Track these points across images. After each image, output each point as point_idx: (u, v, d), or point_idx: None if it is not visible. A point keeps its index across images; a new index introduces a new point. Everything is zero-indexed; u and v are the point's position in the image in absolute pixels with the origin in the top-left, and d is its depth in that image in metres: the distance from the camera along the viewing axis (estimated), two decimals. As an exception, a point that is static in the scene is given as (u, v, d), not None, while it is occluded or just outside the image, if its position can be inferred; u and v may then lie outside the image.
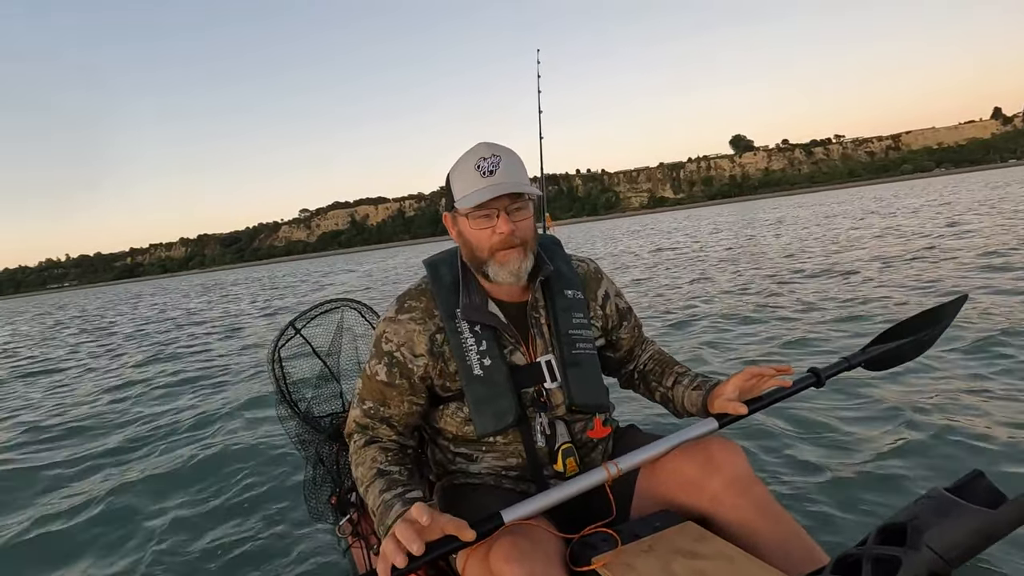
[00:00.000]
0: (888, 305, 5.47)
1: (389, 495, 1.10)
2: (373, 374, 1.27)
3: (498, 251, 1.19)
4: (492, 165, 1.18)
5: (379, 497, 1.11)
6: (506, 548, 0.99)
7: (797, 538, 1.10)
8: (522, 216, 1.20)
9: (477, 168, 1.19)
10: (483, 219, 1.19)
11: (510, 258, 1.19)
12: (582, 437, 1.29)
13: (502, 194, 1.15)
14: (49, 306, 41.40)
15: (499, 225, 1.18)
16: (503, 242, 1.18)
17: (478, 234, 1.20)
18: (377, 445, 1.23)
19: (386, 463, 1.18)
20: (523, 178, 1.21)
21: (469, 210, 1.18)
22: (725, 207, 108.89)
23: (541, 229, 1.56)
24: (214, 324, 12.51)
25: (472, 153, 1.22)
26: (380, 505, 1.10)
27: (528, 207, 1.21)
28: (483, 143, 1.23)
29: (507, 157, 1.21)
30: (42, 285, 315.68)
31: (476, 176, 1.18)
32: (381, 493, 1.12)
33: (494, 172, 1.17)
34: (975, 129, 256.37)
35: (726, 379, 1.28)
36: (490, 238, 1.19)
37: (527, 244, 1.21)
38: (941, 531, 0.65)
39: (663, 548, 1.05)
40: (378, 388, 1.26)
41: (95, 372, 7.93)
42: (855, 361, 1.40)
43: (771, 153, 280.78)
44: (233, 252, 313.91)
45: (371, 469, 1.17)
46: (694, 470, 1.18)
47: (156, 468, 3.63)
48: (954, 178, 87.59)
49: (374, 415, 1.27)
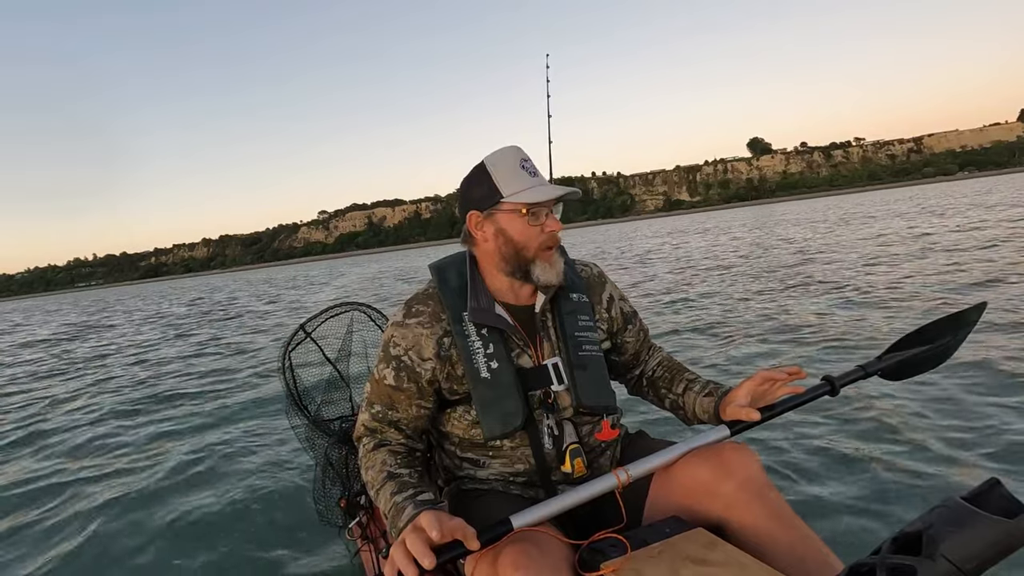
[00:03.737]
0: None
1: (400, 497, 1.11)
2: (381, 378, 1.27)
3: (545, 250, 1.22)
4: (533, 168, 1.23)
5: (390, 500, 1.12)
6: (514, 555, 0.99)
7: (811, 545, 1.09)
8: (555, 219, 1.24)
9: (522, 167, 1.22)
10: (532, 216, 1.21)
11: (554, 258, 1.24)
12: (590, 440, 1.29)
13: (557, 197, 1.20)
14: (89, 302, 42.07)
15: (548, 223, 1.21)
16: (552, 240, 1.23)
17: (529, 231, 1.21)
18: (386, 448, 1.24)
19: (396, 466, 1.19)
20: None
21: (526, 205, 1.19)
22: (746, 210, 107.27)
23: None
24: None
25: (511, 153, 1.24)
26: (392, 508, 1.11)
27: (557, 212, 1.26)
28: (513, 146, 1.26)
29: (533, 162, 1.26)
30: (71, 283, 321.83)
31: (525, 175, 1.21)
32: (392, 496, 1.12)
33: (536, 173, 1.23)
34: (1000, 132, 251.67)
35: (738, 384, 1.27)
36: (539, 236, 1.21)
37: (559, 247, 1.27)
38: (957, 541, 0.64)
39: (673, 554, 1.04)
40: (386, 392, 1.27)
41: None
42: (871, 369, 1.37)
43: (789, 156, 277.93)
44: (254, 252, 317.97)
45: (381, 472, 1.18)
46: (707, 475, 1.16)
47: (160, 467, 3.68)
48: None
49: (382, 419, 1.27)
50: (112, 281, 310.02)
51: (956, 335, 1.43)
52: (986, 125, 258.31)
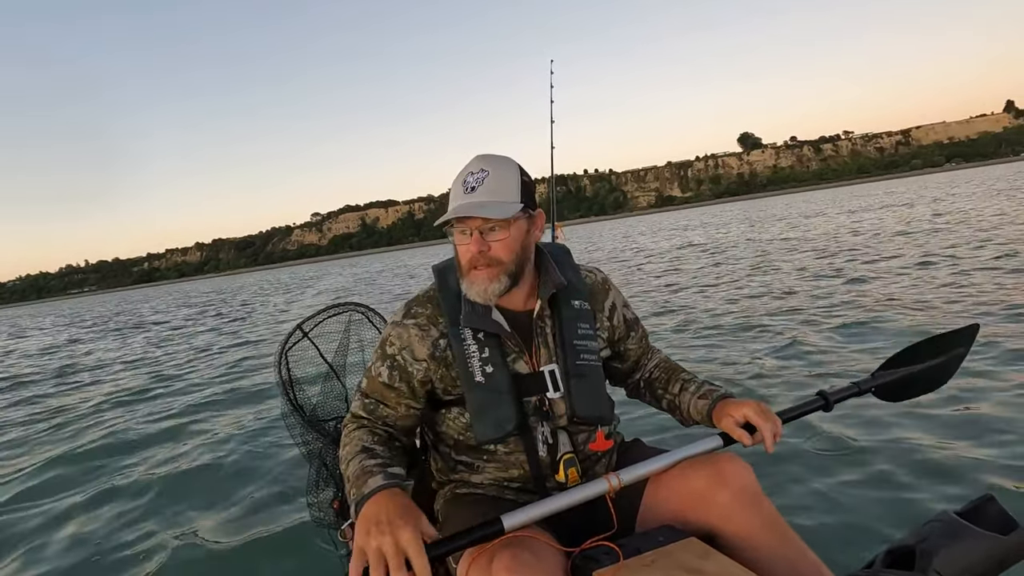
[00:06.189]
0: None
1: (370, 462, 1.12)
2: (376, 375, 1.28)
3: (471, 269, 1.20)
4: (476, 181, 1.18)
5: (359, 464, 1.12)
6: (507, 560, 0.99)
7: (804, 557, 1.09)
8: (497, 237, 1.18)
9: (463, 183, 1.20)
10: (461, 235, 1.20)
11: (478, 278, 1.19)
12: (584, 449, 1.28)
13: (466, 215, 1.16)
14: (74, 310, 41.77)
15: (470, 244, 1.18)
16: (470, 261, 1.19)
17: (459, 248, 1.22)
18: (366, 430, 1.24)
19: (372, 443, 1.20)
20: (507, 196, 1.18)
21: (447, 223, 1.20)
22: (736, 204, 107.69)
23: (550, 238, 1.55)
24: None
25: (467, 166, 1.23)
26: (358, 470, 1.10)
27: (507, 228, 1.18)
28: (480, 156, 1.23)
29: (497, 172, 1.19)
30: (63, 291, 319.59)
31: (460, 191, 1.20)
32: (361, 462, 1.12)
33: (475, 189, 1.17)
34: (986, 123, 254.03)
35: (736, 401, 1.27)
36: (464, 254, 1.20)
37: (502, 265, 1.19)
38: (950, 556, 0.63)
39: (666, 563, 1.04)
40: (379, 388, 1.27)
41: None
42: (864, 387, 1.39)
43: (779, 150, 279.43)
44: (247, 256, 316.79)
45: (356, 446, 1.19)
46: (702, 484, 1.16)
47: (158, 464, 3.67)
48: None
49: (372, 411, 1.28)
50: (105, 287, 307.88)
51: (948, 358, 1.45)
52: (973, 116, 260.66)
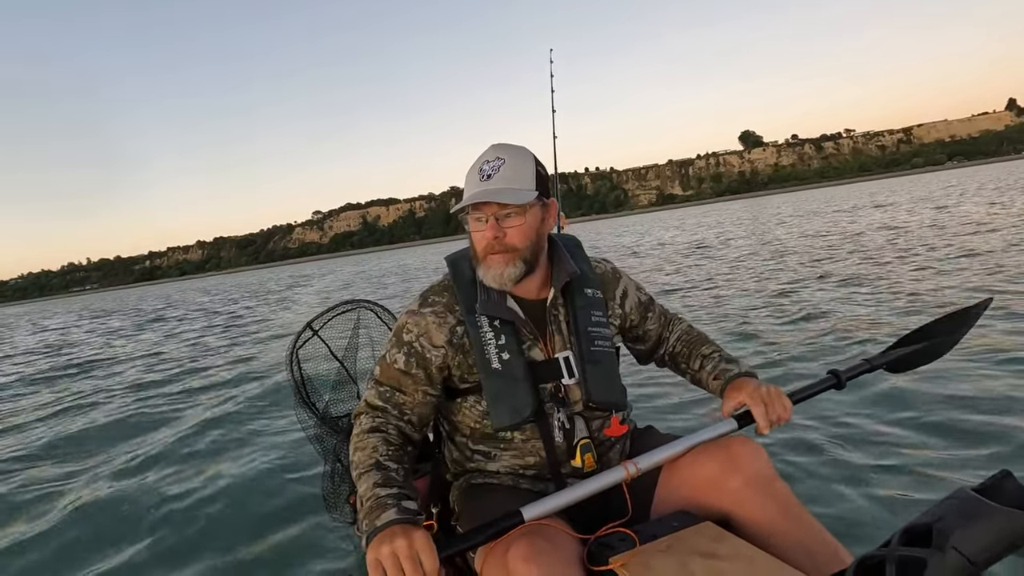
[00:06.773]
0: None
1: (383, 492, 1.08)
2: (392, 362, 1.28)
3: (488, 254, 1.22)
4: (492, 169, 1.22)
5: (372, 490, 1.09)
6: (524, 547, 1.00)
7: (819, 538, 1.10)
8: (512, 223, 1.21)
9: (479, 171, 1.23)
10: (476, 222, 1.23)
11: (495, 263, 1.22)
12: (599, 435, 1.30)
13: (485, 201, 1.19)
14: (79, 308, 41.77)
15: (486, 230, 1.21)
16: (487, 247, 1.22)
17: (474, 235, 1.25)
18: (381, 435, 1.21)
19: (386, 457, 1.16)
20: (523, 184, 1.22)
21: (463, 211, 1.23)
22: (737, 203, 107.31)
23: (557, 229, 1.56)
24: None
25: (483, 154, 1.26)
26: (372, 499, 1.08)
27: (523, 214, 1.21)
28: (495, 145, 1.26)
29: (513, 160, 1.23)
30: (65, 288, 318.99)
31: (476, 178, 1.23)
32: (375, 487, 1.09)
33: (491, 176, 1.21)
34: (988, 121, 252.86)
35: (739, 383, 1.28)
36: (481, 240, 1.23)
37: (517, 251, 1.22)
38: (968, 533, 0.64)
39: (681, 548, 1.05)
40: (395, 375, 1.27)
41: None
42: (876, 363, 1.39)
43: (780, 148, 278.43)
44: (249, 254, 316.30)
45: (370, 458, 1.15)
46: (715, 469, 1.18)
47: (166, 460, 3.68)
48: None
49: (388, 399, 1.26)
50: (107, 285, 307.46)
51: (959, 329, 1.45)
52: (974, 115, 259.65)
